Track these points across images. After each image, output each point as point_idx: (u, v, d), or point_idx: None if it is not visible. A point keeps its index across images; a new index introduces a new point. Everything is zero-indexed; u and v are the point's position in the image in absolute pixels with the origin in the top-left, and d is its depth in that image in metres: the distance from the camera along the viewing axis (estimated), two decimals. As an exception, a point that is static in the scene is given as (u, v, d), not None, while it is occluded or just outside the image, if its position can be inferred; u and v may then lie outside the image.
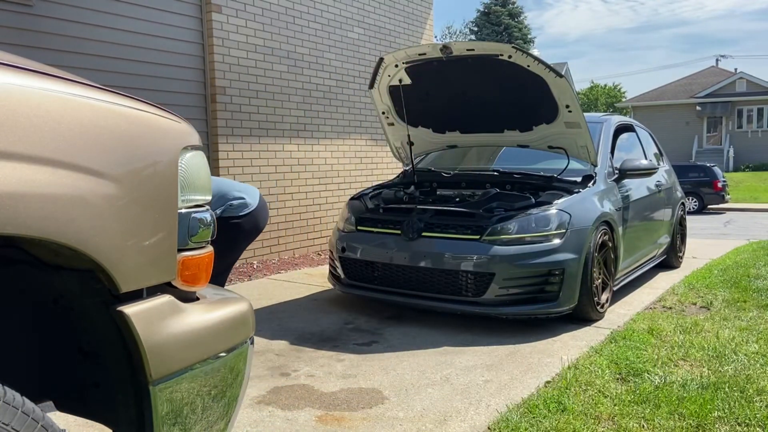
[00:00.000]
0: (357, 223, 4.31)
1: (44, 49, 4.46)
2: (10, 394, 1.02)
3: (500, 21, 32.12)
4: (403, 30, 8.20)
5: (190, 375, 1.33)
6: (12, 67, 1.11)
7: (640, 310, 4.26)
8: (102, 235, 1.16)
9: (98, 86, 1.27)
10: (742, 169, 29.45)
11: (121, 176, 1.21)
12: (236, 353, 1.47)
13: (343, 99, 7.25)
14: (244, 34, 5.98)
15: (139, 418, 1.28)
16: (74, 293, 1.31)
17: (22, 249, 1.25)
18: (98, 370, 1.35)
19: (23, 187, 1.03)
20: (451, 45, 4.07)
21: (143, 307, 1.24)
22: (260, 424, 2.46)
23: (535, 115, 4.37)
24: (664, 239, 5.64)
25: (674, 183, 6.08)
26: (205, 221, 1.41)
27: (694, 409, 2.51)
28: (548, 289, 3.69)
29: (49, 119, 1.10)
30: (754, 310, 4.13)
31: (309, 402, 2.69)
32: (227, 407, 1.47)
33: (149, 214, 1.27)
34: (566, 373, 2.95)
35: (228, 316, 1.46)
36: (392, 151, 5.17)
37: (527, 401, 2.63)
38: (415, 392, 2.79)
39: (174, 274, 1.34)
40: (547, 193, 4.09)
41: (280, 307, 4.47)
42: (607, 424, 2.42)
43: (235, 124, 5.94)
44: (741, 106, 31.24)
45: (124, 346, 1.25)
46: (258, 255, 6.24)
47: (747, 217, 14.57)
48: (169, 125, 1.37)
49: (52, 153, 1.09)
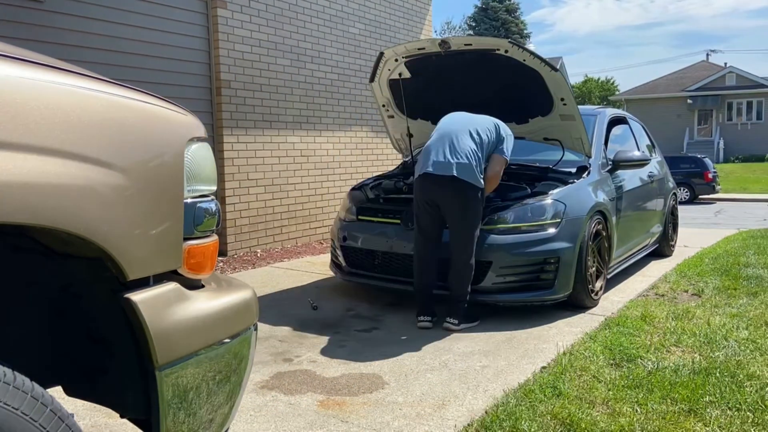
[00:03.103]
0: (358, 212, 4.36)
1: (54, 44, 4.51)
2: (20, 379, 1.05)
3: (498, 17, 32.30)
4: (402, 25, 8.24)
5: (195, 361, 1.35)
6: (23, 61, 1.13)
7: (633, 297, 4.32)
8: (110, 225, 1.18)
9: (106, 79, 1.29)
10: (732, 160, 29.63)
11: (128, 167, 1.23)
12: (240, 339, 1.50)
13: (344, 92, 7.31)
14: (248, 29, 6.04)
15: (145, 403, 1.31)
16: (83, 281, 1.34)
17: (32, 238, 1.27)
18: (106, 356, 1.38)
19: (34, 178, 1.05)
20: (449, 40, 4.10)
21: (150, 295, 1.27)
22: (264, 409, 2.51)
23: (531, 108, 4.40)
24: (657, 228, 5.69)
25: (666, 174, 6.13)
26: (210, 211, 1.44)
27: (686, 393, 2.56)
28: (544, 277, 3.74)
29: (59, 111, 1.12)
30: (744, 298, 4.18)
31: (311, 387, 2.74)
32: (231, 392, 1.49)
33: (156, 204, 1.29)
34: (561, 358, 3.00)
35: (232, 303, 1.48)
36: (392, 142, 5.21)
37: (523, 386, 2.68)
38: (415, 377, 2.84)
39: (180, 262, 1.36)
40: (542, 183, 4.13)
41: (283, 294, 4.52)
42: (601, 408, 2.47)
43: (240, 117, 6.00)
44: (731, 99, 31.43)
45: (132, 333, 1.27)
46: (261, 244, 6.30)
47: (737, 207, 14.63)
48: (175, 117, 1.39)
49: (61, 144, 1.11)
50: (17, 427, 1.01)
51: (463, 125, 3.68)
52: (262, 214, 6.29)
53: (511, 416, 2.36)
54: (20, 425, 1.02)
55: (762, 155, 29.49)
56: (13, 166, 1.02)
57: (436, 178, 3.52)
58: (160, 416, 1.29)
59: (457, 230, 3.55)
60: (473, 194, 3.51)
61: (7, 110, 1.04)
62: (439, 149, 3.59)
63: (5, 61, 1.10)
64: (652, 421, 2.34)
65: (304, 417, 2.43)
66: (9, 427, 1.00)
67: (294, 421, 2.40)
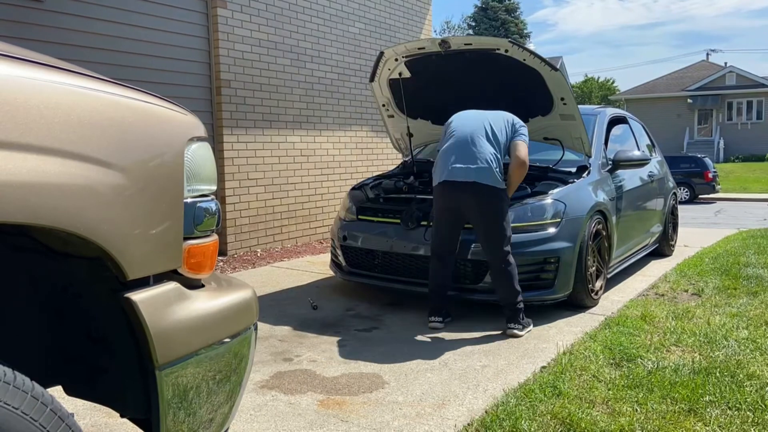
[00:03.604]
0: (358, 212, 4.36)
1: (54, 44, 4.51)
2: (20, 378, 1.05)
3: (497, 16, 32.40)
4: (402, 25, 8.25)
5: (195, 360, 1.35)
6: (23, 61, 1.13)
7: (633, 297, 4.32)
8: (110, 224, 1.18)
9: (106, 79, 1.29)
10: (732, 160, 29.67)
11: (128, 167, 1.23)
12: (240, 339, 1.50)
13: (344, 92, 7.32)
14: (248, 28, 6.05)
15: (145, 402, 1.31)
16: (83, 280, 1.34)
17: (32, 237, 1.27)
18: (106, 356, 1.37)
19: (34, 177, 1.05)
20: (449, 40, 4.10)
21: (150, 294, 1.27)
22: (264, 408, 2.51)
23: (531, 108, 4.40)
24: (657, 228, 5.69)
25: (666, 173, 6.13)
26: (210, 210, 1.44)
27: (686, 393, 2.56)
28: (544, 277, 3.74)
29: (58, 111, 1.12)
30: (744, 297, 4.19)
31: (311, 386, 2.74)
32: (231, 391, 1.49)
33: (156, 204, 1.29)
34: (561, 358, 3.00)
35: (232, 303, 1.48)
36: (392, 142, 5.21)
37: (523, 386, 2.68)
38: (415, 377, 2.84)
39: (180, 261, 1.36)
40: (542, 183, 4.13)
41: (283, 294, 4.52)
42: (601, 407, 2.47)
43: (240, 116, 6.00)
44: (731, 98, 31.48)
45: (132, 332, 1.27)
46: (261, 243, 6.30)
47: (737, 206, 14.65)
48: (175, 117, 1.39)
49: (61, 144, 1.11)
50: (17, 427, 1.01)
51: (478, 125, 3.60)
52: (262, 214, 6.30)
53: (511, 416, 2.36)
54: (20, 425, 1.02)
55: (762, 155, 29.54)
56: (13, 165, 1.03)
57: (458, 185, 3.46)
58: (160, 416, 1.29)
59: (486, 234, 3.49)
60: (496, 196, 3.46)
61: (7, 109, 1.04)
62: (456, 154, 3.52)
63: (5, 61, 1.10)
64: (652, 420, 2.34)
65: (304, 416, 2.43)
66: (9, 427, 1.00)
67: (294, 420, 2.40)
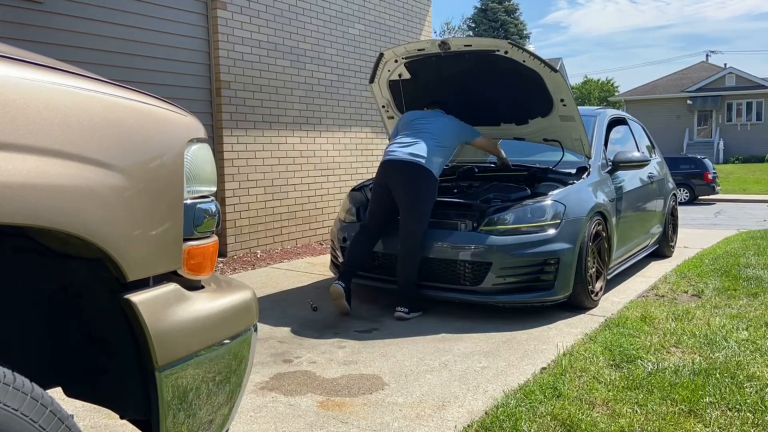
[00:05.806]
0: (358, 213, 4.36)
1: (54, 45, 4.51)
2: (19, 380, 1.04)
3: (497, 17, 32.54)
4: (402, 26, 8.26)
5: (195, 361, 1.35)
6: (23, 62, 1.13)
7: (633, 298, 4.32)
8: (110, 225, 1.18)
9: (106, 80, 1.29)
10: (731, 161, 29.72)
11: (128, 168, 1.23)
12: (240, 340, 1.50)
13: (344, 93, 7.32)
14: (248, 30, 6.05)
15: (145, 404, 1.31)
16: (83, 282, 1.34)
17: (32, 238, 1.27)
18: (106, 357, 1.37)
19: (34, 179, 1.05)
20: (449, 41, 4.10)
21: (150, 295, 1.27)
22: (263, 410, 2.51)
23: (531, 109, 4.41)
24: (657, 229, 5.69)
25: (666, 175, 6.14)
26: (210, 212, 1.44)
27: (686, 394, 2.56)
28: (544, 278, 3.74)
29: (58, 112, 1.12)
30: (744, 298, 4.19)
31: (311, 388, 2.74)
32: (231, 393, 1.49)
33: (156, 205, 1.29)
34: (561, 359, 3.00)
35: (232, 304, 1.48)
36: (392, 143, 5.20)
37: (523, 387, 2.68)
38: (414, 378, 2.84)
39: (180, 262, 1.36)
40: (542, 184, 4.14)
41: (283, 295, 4.52)
42: (601, 409, 2.47)
43: (240, 117, 6.00)
44: (730, 100, 31.54)
45: (131, 333, 1.27)
46: (261, 245, 6.30)
47: (737, 207, 14.65)
48: (175, 118, 1.39)
49: (61, 145, 1.11)
50: (17, 429, 1.01)
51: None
52: (261, 215, 6.29)
53: (511, 417, 2.36)
54: (20, 426, 1.02)
55: (762, 156, 29.57)
56: (12, 167, 1.02)
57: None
58: (160, 417, 1.29)
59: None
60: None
61: (7, 111, 1.04)
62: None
63: (5, 62, 1.10)
64: (652, 422, 2.34)
65: (304, 418, 2.43)
66: (9, 429, 1.00)
67: (294, 421, 2.40)
